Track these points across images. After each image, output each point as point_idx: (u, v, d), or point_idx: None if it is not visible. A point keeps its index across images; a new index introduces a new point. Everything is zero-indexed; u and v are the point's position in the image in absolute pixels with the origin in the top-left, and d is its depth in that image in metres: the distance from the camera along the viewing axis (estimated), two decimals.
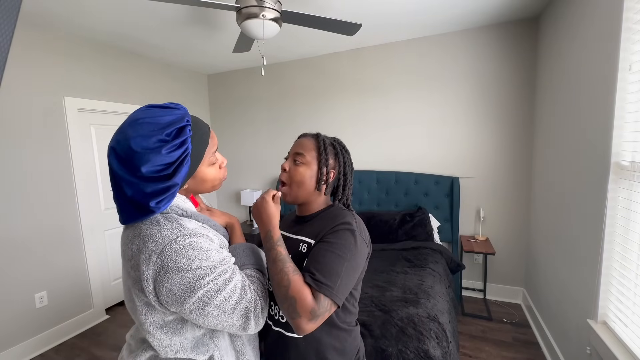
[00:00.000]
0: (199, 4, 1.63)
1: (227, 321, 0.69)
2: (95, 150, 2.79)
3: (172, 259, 0.63)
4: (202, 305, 0.65)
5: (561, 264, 1.93)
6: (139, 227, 0.68)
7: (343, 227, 0.80)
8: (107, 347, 2.41)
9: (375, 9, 2.27)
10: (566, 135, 1.89)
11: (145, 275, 0.64)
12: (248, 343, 0.82)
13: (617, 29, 1.32)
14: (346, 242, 0.78)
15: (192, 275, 0.64)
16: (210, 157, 0.76)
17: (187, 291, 0.64)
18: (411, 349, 1.37)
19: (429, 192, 2.93)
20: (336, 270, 0.74)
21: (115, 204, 0.69)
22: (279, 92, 3.59)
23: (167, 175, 0.64)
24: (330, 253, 0.77)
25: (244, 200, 3.66)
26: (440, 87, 2.87)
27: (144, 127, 0.63)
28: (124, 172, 0.63)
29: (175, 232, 0.66)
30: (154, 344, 0.70)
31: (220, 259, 0.69)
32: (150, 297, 0.65)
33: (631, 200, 1.29)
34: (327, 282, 0.73)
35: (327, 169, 0.88)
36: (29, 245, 2.31)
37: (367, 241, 0.85)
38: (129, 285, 0.69)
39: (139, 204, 0.65)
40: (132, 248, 0.67)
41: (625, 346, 1.26)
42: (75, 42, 2.58)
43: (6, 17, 0.35)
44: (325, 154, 0.88)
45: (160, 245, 0.64)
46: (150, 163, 0.62)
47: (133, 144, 0.62)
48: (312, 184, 0.88)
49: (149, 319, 0.69)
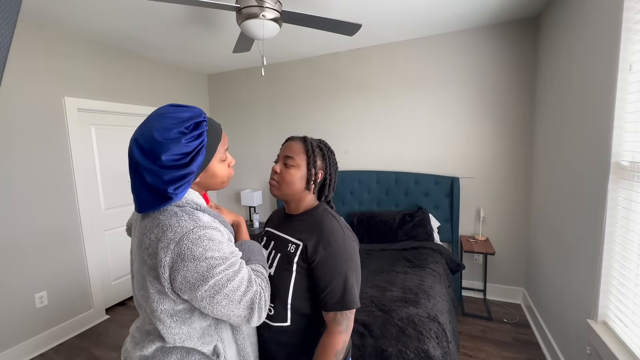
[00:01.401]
0: (199, 4, 1.63)
1: (234, 311, 0.73)
2: (95, 150, 2.79)
3: (189, 248, 0.68)
4: (212, 294, 0.70)
5: (561, 264, 1.93)
6: (158, 218, 0.72)
7: (334, 239, 0.87)
8: (107, 347, 2.41)
9: (375, 9, 2.27)
10: (566, 135, 1.89)
11: (162, 262, 0.68)
12: (247, 337, 0.87)
13: (617, 29, 1.32)
14: (343, 254, 0.86)
15: (206, 264, 0.69)
16: (221, 154, 0.83)
17: (201, 279, 0.68)
18: (411, 349, 1.37)
19: (429, 192, 2.93)
20: (350, 282, 0.85)
21: (133, 194, 0.74)
22: (279, 92, 3.59)
23: (185, 164, 0.70)
24: (338, 274, 0.85)
25: (244, 200, 3.66)
26: (440, 87, 2.87)
27: (166, 121, 0.71)
28: (145, 161, 0.69)
29: (192, 223, 0.71)
30: (163, 331, 0.74)
31: (230, 251, 0.75)
32: (165, 284, 0.70)
33: (631, 200, 1.29)
34: (347, 299, 0.84)
35: (316, 170, 0.94)
36: (29, 245, 2.31)
37: (352, 235, 0.93)
38: (143, 273, 0.73)
39: (158, 190, 0.70)
40: (151, 237, 0.71)
41: (625, 346, 1.26)
42: (75, 42, 2.58)
43: (6, 17, 0.35)
44: (314, 156, 0.94)
45: (178, 234, 0.69)
46: (170, 152, 0.68)
47: (156, 135, 0.69)
48: (302, 184, 0.94)
49: (160, 307, 0.73)
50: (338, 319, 0.84)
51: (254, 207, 3.73)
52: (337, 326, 0.83)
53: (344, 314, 0.84)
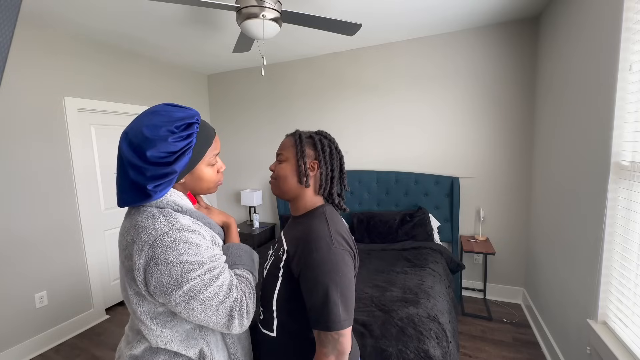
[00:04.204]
0: (199, 4, 1.63)
1: (212, 318, 0.71)
2: (95, 150, 2.79)
3: (162, 251, 0.66)
4: (187, 300, 0.68)
5: (561, 264, 1.93)
6: (135, 219, 0.71)
7: (316, 247, 0.76)
8: (107, 347, 2.41)
9: (375, 9, 2.27)
10: (566, 135, 1.89)
11: (137, 265, 0.67)
12: (239, 342, 0.84)
13: (617, 28, 1.32)
14: (326, 265, 0.74)
15: (180, 268, 0.67)
16: (211, 159, 0.80)
17: (174, 284, 0.66)
18: (411, 349, 1.37)
19: (429, 192, 2.93)
20: (332, 299, 0.72)
21: (116, 187, 0.74)
22: (279, 92, 3.59)
23: (168, 162, 0.69)
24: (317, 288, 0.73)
25: (244, 200, 3.66)
26: (440, 87, 2.87)
27: (157, 118, 0.71)
28: (131, 155, 0.69)
29: (168, 225, 0.69)
30: (146, 333, 0.73)
31: (209, 255, 0.72)
32: (140, 286, 0.69)
33: (631, 200, 1.29)
34: (329, 317, 0.72)
35: (305, 160, 0.86)
36: (29, 245, 2.31)
37: (344, 242, 0.80)
38: (122, 274, 0.73)
39: (139, 186, 0.69)
40: (127, 238, 0.71)
41: (625, 346, 1.26)
42: (75, 42, 2.58)
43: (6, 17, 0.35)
44: (301, 145, 0.87)
45: (152, 237, 0.67)
46: (156, 149, 0.68)
47: (145, 131, 0.68)
48: (295, 178, 0.87)
49: (139, 309, 0.72)
50: (322, 339, 0.73)
51: (254, 207, 3.73)
52: (322, 348, 0.73)
53: (328, 336, 0.72)
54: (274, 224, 3.75)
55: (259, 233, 3.43)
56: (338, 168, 0.90)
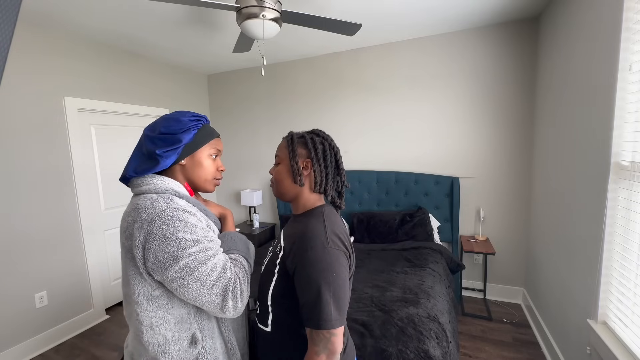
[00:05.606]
0: (199, 4, 1.63)
1: (206, 296, 0.74)
2: (95, 150, 2.79)
3: (160, 227, 0.71)
4: (183, 275, 0.71)
5: (561, 264, 1.93)
6: (136, 203, 0.77)
7: (310, 246, 0.76)
8: (107, 347, 2.41)
9: (375, 9, 2.27)
10: (566, 135, 1.89)
11: (137, 242, 0.72)
12: (234, 332, 0.87)
13: (617, 28, 1.32)
14: (319, 264, 0.74)
15: (177, 244, 0.71)
16: (211, 150, 0.89)
17: (171, 259, 0.71)
18: (411, 349, 1.37)
19: (429, 192, 2.93)
20: (324, 298, 0.72)
21: (127, 163, 0.85)
22: (279, 92, 3.59)
23: (176, 132, 0.83)
24: (310, 286, 0.74)
25: (244, 200, 3.66)
26: (440, 87, 2.87)
27: (173, 114, 0.87)
28: (149, 130, 0.84)
29: (165, 204, 0.75)
30: (141, 314, 0.76)
31: (205, 235, 0.77)
32: (139, 264, 0.73)
33: (631, 200, 1.29)
34: (320, 316, 0.72)
35: (297, 159, 0.87)
36: (29, 245, 2.31)
37: (340, 242, 0.80)
38: (122, 256, 0.77)
39: (150, 153, 0.81)
40: (128, 220, 0.76)
41: (625, 346, 1.26)
42: (75, 42, 2.58)
43: (6, 17, 0.35)
44: (293, 145, 0.88)
45: (151, 214, 0.73)
46: (168, 126, 0.83)
47: (162, 119, 0.86)
48: (290, 179, 0.88)
49: (137, 290, 0.76)
50: (314, 338, 0.73)
51: (254, 207, 3.73)
52: (314, 346, 0.73)
53: (320, 334, 0.72)
54: (274, 224, 3.75)
55: (259, 233, 3.43)
56: (333, 165, 0.89)
